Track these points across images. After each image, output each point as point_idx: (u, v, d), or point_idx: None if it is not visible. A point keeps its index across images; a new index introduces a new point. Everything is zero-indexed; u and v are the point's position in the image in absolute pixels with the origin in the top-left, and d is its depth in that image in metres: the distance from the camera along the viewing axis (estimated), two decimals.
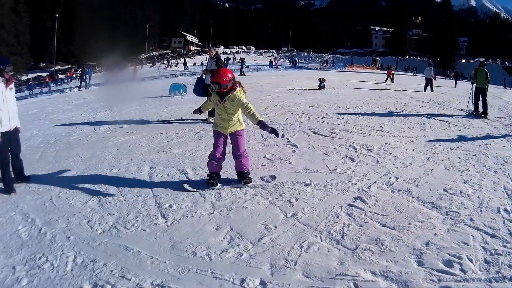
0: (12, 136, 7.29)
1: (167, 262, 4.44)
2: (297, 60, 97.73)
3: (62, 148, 10.61)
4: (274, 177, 6.99)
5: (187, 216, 5.55)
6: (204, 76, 12.33)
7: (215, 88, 6.33)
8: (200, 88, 12.30)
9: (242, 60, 44.22)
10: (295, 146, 9.17)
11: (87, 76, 39.90)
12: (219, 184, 6.73)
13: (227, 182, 6.94)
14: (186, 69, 71.74)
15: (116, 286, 4.14)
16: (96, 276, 4.37)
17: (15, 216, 6.45)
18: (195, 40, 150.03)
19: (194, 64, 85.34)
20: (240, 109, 6.44)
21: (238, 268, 4.25)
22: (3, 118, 6.89)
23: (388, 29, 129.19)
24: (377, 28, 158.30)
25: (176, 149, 9.01)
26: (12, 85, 7.17)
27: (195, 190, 6.64)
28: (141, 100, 19.32)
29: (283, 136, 10.08)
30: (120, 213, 5.91)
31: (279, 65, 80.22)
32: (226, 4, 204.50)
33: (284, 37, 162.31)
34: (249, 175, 6.81)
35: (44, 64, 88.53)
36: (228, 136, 6.71)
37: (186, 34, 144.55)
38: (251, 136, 9.81)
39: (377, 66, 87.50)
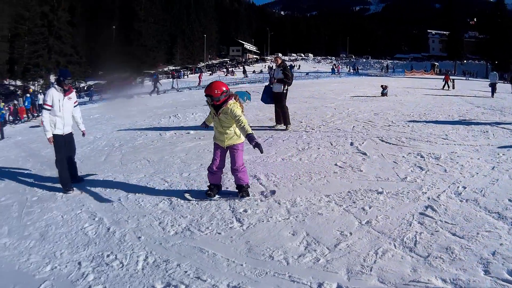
0: (67, 140, 7.93)
1: (244, 265, 4.37)
2: (357, 67, 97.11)
3: (127, 152, 10.85)
4: (273, 192, 6.66)
5: (263, 221, 5.48)
6: (272, 85, 12.10)
7: (209, 100, 6.28)
8: (269, 97, 12.16)
9: (270, 69, 43.63)
10: (364, 154, 8.91)
11: (159, 82, 41.39)
12: (217, 196, 6.67)
13: (227, 194, 6.89)
14: (246, 76, 71.50)
15: (191, 287, 4.08)
16: (170, 276, 4.33)
17: (81, 214, 6.60)
18: (253, 48, 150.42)
19: (254, 72, 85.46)
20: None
21: (315, 272, 4.14)
22: (57, 123, 7.62)
23: (445, 32, 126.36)
24: (433, 32, 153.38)
25: (246, 155, 8.76)
26: (71, 95, 7.89)
27: (195, 199, 6.66)
28: (206, 107, 19.39)
29: (351, 144, 9.79)
30: (193, 216, 5.91)
31: (340, 72, 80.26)
32: (282, 12, 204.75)
33: (342, 44, 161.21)
34: (247, 189, 6.58)
35: (102, 72, 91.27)
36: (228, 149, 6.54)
37: (244, 42, 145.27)
38: (320, 143, 9.62)
39: (435, 71, 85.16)
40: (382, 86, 24.43)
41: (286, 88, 11.63)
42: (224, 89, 6.15)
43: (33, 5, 74.52)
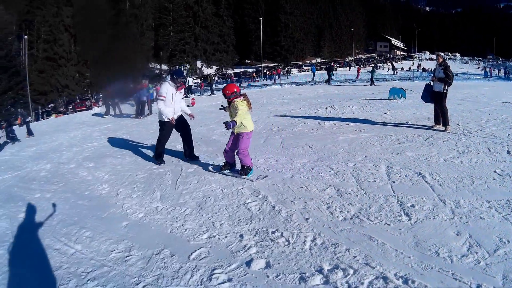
0: (180, 122, 9.61)
1: (411, 258, 4.42)
2: (509, 71, 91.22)
3: (287, 137, 11.30)
4: (266, 176, 7.82)
5: (430, 218, 5.47)
6: (432, 83, 11.72)
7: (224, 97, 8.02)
8: (429, 95, 11.81)
9: (373, 68, 42.00)
10: None
11: (333, 72, 42.00)
12: (227, 171, 8.32)
13: (236, 171, 8.22)
14: (396, 73, 69.60)
15: (359, 272, 4.19)
16: (338, 259, 4.46)
17: (243, 190, 7.04)
18: (400, 44, 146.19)
19: (402, 69, 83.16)
20: (245, 113, 7.67)
21: (475, 273, 4.15)
22: (169, 112, 9.21)
23: None
24: None
25: (409, 152, 8.91)
26: (182, 90, 9.65)
27: (215, 172, 8.42)
28: (360, 101, 19.57)
29: (508, 152, 9.18)
30: (362, 204, 6.03)
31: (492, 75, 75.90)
32: (427, 8, 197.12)
33: (488, 44, 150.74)
34: (247, 169, 7.89)
35: (249, 61, 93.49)
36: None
37: (391, 38, 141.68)
38: (479, 148, 9.26)
39: None
40: None
41: (446, 87, 11.27)
42: (235, 90, 7.90)
43: None
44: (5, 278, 4.93)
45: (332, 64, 58.02)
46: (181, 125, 9.64)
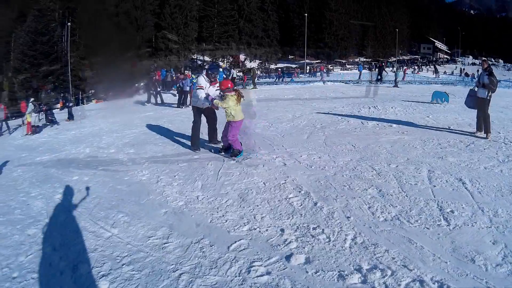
0: (206, 114, 10.42)
1: (448, 263, 4.46)
2: None
3: (331, 135, 11.34)
4: (256, 153, 9.57)
5: (468, 225, 5.44)
6: (476, 89, 11.45)
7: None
8: (472, 100, 11.60)
9: (397, 70, 40.83)
10: None
11: (385, 71, 41.69)
12: (223, 152, 9.75)
13: (228, 153, 9.47)
14: (438, 77, 68.11)
15: (397, 273, 4.26)
16: (377, 259, 4.53)
17: (286, 185, 7.12)
18: (443, 47, 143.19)
19: (445, 72, 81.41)
20: (233, 105, 9.06)
21: (508, 283, 4.17)
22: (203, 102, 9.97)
23: None
24: None
25: (451, 158, 8.74)
26: (216, 85, 10.02)
27: (216, 153, 9.78)
28: (403, 103, 19.28)
29: None
30: (403, 207, 6.04)
31: None
32: (472, 11, 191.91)
33: None
34: (237, 152, 9.30)
35: (292, 57, 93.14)
36: None
37: (435, 40, 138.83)
38: None
39: None
40: None
41: (490, 94, 11.06)
42: (229, 86, 9.23)
43: None
44: (36, 257, 5.14)
45: (383, 64, 57.06)
46: (211, 110, 10.27)
